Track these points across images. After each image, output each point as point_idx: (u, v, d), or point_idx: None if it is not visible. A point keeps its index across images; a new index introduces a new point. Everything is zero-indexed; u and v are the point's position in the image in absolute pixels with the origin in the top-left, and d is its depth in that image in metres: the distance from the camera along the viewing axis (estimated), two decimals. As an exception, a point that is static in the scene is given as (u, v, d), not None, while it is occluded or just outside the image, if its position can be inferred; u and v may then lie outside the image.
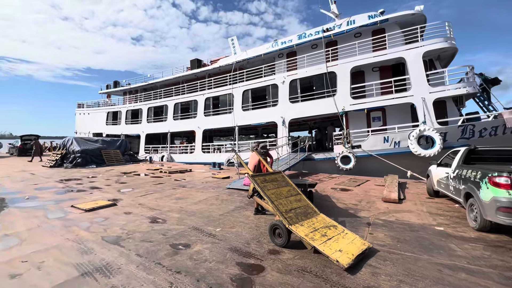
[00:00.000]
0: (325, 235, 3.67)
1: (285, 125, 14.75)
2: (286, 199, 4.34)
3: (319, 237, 3.60)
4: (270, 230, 3.99)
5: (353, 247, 3.45)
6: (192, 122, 19.27)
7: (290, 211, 4.05)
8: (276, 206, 4.02)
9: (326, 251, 3.28)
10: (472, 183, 4.56)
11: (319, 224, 3.97)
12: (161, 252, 3.65)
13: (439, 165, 6.68)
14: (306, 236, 3.54)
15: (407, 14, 12.65)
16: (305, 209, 4.28)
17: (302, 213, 4.14)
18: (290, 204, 4.24)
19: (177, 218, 5.31)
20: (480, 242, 3.96)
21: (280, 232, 3.85)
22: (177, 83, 21.52)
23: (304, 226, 3.82)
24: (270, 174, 4.98)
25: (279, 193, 4.45)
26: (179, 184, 9.44)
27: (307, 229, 3.74)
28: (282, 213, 3.92)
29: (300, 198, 4.55)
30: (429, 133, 10.46)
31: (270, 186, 4.54)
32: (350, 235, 3.80)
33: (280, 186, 4.68)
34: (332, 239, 3.61)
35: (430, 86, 11.37)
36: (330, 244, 3.46)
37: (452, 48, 11.93)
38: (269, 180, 4.69)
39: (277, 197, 4.30)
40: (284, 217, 3.83)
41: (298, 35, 15.89)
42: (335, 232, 3.83)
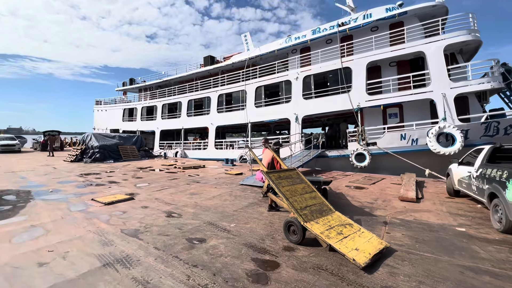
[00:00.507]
0: (341, 233, 3.63)
1: (298, 121, 14.62)
2: (301, 196, 4.31)
3: (334, 235, 3.56)
4: (284, 227, 3.99)
5: (370, 246, 3.39)
6: (205, 118, 19.47)
7: (305, 208, 4.03)
8: (291, 203, 4.01)
9: (342, 249, 3.25)
10: (498, 183, 4.35)
11: (334, 222, 3.93)
12: (178, 246, 3.74)
13: (460, 163, 6.42)
14: (321, 234, 3.52)
15: (427, 6, 12.13)
16: (320, 207, 4.24)
17: (317, 211, 4.10)
18: (305, 202, 4.22)
19: (192, 213, 5.40)
20: (505, 245, 3.79)
21: (295, 229, 3.84)
22: (191, 80, 21.78)
23: (319, 223, 3.79)
24: (284, 171, 4.96)
25: (293, 190, 4.43)
26: (193, 180, 9.59)
27: (322, 227, 3.71)
28: (297, 210, 3.91)
29: (315, 196, 4.51)
30: (449, 130, 10.04)
31: (284, 183, 4.53)
32: (367, 234, 3.74)
33: (294, 183, 4.65)
34: (348, 237, 3.56)
35: (451, 81, 10.89)
36: (346, 243, 3.42)
37: (476, 41, 11.34)
38: (283, 177, 4.68)
39: (292, 194, 4.27)
40: (299, 214, 3.82)
41: (312, 30, 15.63)
42: (351, 230, 3.78)
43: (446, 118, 10.66)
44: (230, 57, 20.30)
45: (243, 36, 19.29)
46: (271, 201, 5.52)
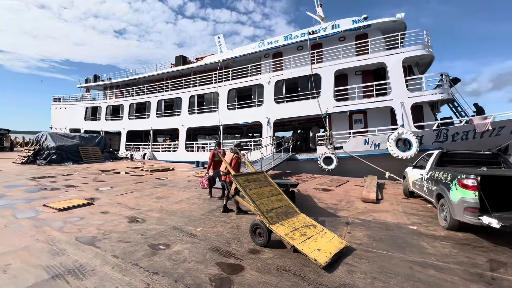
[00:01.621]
0: (305, 234, 3.73)
1: (270, 125, 14.83)
2: (267, 199, 4.35)
3: (298, 236, 3.64)
4: (251, 230, 4.00)
5: (331, 246, 3.53)
6: (176, 119, 18.91)
7: (271, 211, 4.07)
8: (257, 206, 4.03)
9: (305, 250, 3.34)
10: (443, 184, 4.81)
11: (299, 223, 4.02)
12: (139, 252, 3.56)
13: (414, 167, 6.99)
14: (286, 236, 3.58)
15: (389, 21, 13.12)
16: (286, 209, 4.32)
17: (283, 213, 4.17)
18: (271, 204, 4.26)
19: (157, 217, 5.19)
20: (449, 240, 4.19)
21: (261, 232, 3.87)
22: (161, 80, 21.03)
23: (284, 225, 3.85)
24: (252, 174, 4.98)
25: (260, 193, 4.44)
26: (161, 183, 9.24)
27: (287, 229, 3.77)
28: (263, 212, 3.94)
29: (282, 198, 4.59)
30: (407, 136, 10.91)
31: (252, 186, 4.53)
32: (329, 234, 3.89)
33: (262, 186, 4.69)
34: (311, 238, 3.67)
35: (409, 91, 11.87)
36: (309, 243, 3.52)
37: (429, 56, 12.51)
38: (251, 180, 4.69)
39: (259, 197, 4.29)
40: (265, 217, 3.85)
41: (284, 36, 16.03)
42: (315, 231, 3.90)
43: (404, 124, 11.57)
44: (202, 58, 20.01)
45: (216, 37, 19.16)
46: (237, 204, 5.53)
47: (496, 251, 3.82)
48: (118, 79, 24.08)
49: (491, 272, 3.17)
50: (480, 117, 10.77)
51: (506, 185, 4.51)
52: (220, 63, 17.50)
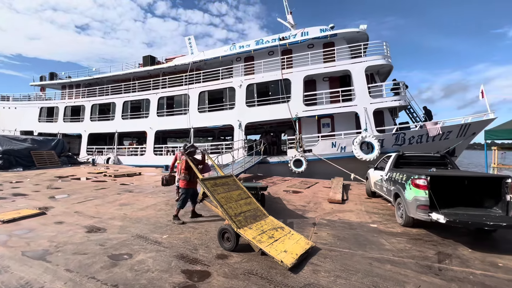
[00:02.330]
0: (272, 237, 3.75)
1: (242, 128, 14.86)
2: (236, 203, 4.31)
3: (266, 239, 3.66)
4: (219, 235, 3.94)
5: (297, 247, 3.61)
6: (144, 122, 18.09)
7: (239, 215, 4.04)
8: (225, 210, 3.99)
9: (272, 252, 3.37)
10: (399, 184, 5.21)
11: (267, 226, 4.04)
12: (97, 264, 3.32)
13: (376, 168, 7.47)
14: (253, 239, 3.57)
15: (353, 31, 13.96)
16: (254, 212, 4.32)
17: (251, 216, 4.16)
18: (239, 208, 4.23)
19: (120, 226, 4.89)
20: (404, 236, 4.54)
21: (229, 236, 3.83)
22: (128, 80, 19.99)
23: (252, 229, 3.84)
24: (221, 177, 4.92)
25: (229, 197, 4.39)
26: (126, 189, 8.74)
27: (255, 232, 3.77)
28: (231, 217, 3.89)
29: (250, 201, 4.58)
30: (370, 139, 11.65)
31: (220, 190, 4.46)
32: (296, 236, 3.97)
33: (230, 190, 4.63)
34: (278, 240, 3.71)
35: (371, 98, 12.71)
36: (276, 246, 3.55)
37: (389, 65, 13.56)
38: (219, 184, 4.62)
39: (227, 201, 4.24)
40: (233, 221, 3.83)
41: (256, 40, 16.24)
42: (282, 233, 3.95)
43: (367, 129, 12.33)
44: (172, 59, 19.45)
45: (187, 39, 18.78)
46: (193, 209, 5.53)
47: (443, 244, 4.21)
48: (79, 78, 22.39)
49: (438, 264, 3.49)
50: (432, 122, 11.89)
51: (451, 184, 5.02)
52: (191, 65, 17.16)
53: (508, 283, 3.04)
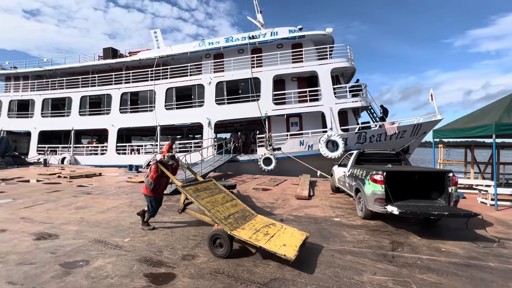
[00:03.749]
0: (268, 234, 3.70)
1: (211, 126, 14.63)
2: (222, 206, 4.20)
3: (262, 236, 3.59)
4: (210, 242, 3.64)
5: (294, 239, 3.59)
6: (105, 119, 16.87)
7: (228, 217, 3.91)
8: (214, 214, 3.83)
9: (272, 248, 3.29)
10: (360, 180, 5.56)
11: (259, 224, 3.99)
12: (47, 274, 3.03)
13: (339, 165, 7.88)
14: (250, 239, 3.45)
15: (319, 34, 14.51)
16: (243, 213, 4.25)
17: (241, 217, 4.07)
18: (227, 210, 4.12)
19: (75, 231, 4.51)
20: (363, 228, 4.86)
21: (222, 242, 3.56)
22: (86, 73, 18.43)
23: (245, 229, 3.73)
24: (201, 182, 4.74)
25: (214, 201, 4.26)
26: (83, 191, 8.09)
27: (249, 232, 3.66)
28: (222, 220, 3.75)
29: (236, 203, 4.50)
30: (335, 138, 12.25)
31: (203, 195, 4.30)
32: (289, 229, 3.98)
33: (214, 193, 4.50)
34: (274, 236, 3.67)
35: (336, 98, 13.35)
36: (274, 241, 3.50)
37: (352, 68, 14.34)
38: (201, 189, 4.45)
39: (213, 205, 4.10)
40: (224, 224, 3.66)
41: (225, 38, 16.04)
42: (275, 229, 3.92)
43: (332, 128, 12.94)
44: (137, 53, 18.38)
45: (152, 32, 17.86)
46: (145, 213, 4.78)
47: (397, 233, 4.60)
48: (28, 69, 20.09)
49: (392, 252, 3.81)
50: (389, 123, 12.88)
51: (404, 179, 5.49)
52: (157, 59, 16.39)
53: (448, 265, 3.43)
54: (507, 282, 3.05)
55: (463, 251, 3.91)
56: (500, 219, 5.62)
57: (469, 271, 3.28)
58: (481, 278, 3.11)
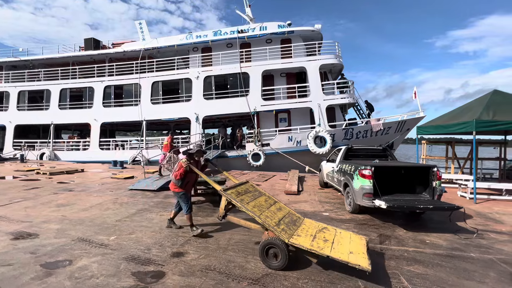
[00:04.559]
0: (327, 240, 3.29)
1: (199, 121, 14.39)
2: (268, 211, 3.69)
3: (322, 244, 3.17)
4: (262, 252, 3.17)
5: (357, 245, 3.24)
6: (87, 113, 16.20)
7: (280, 223, 3.44)
8: (265, 221, 3.33)
9: (342, 257, 2.90)
10: (348, 175, 5.64)
11: (312, 229, 3.58)
12: (26, 276, 2.86)
13: (328, 161, 7.97)
14: (312, 247, 3.02)
15: (308, 30, 14.52)
16: (290, 217, 3.78)
17: (290, 222, 3.61)
18: (275, 215, 3.63)
19: (57, 229, 4.30)
20: (352, 222, 4.95)
21: (277, 252, 3.11)
22: (66, 65, 17.55)
23: (301, 236, 3.30)
24: (239, 185, 4.15)
25: (259, 205, 3.73)
26: (64, 188, 7.75)
27: (307, 239, 3.23)
28: (274, 227, 3.27)
29: (280, 206, 4.03)
30: (322, 134, 12.39)
31: (247, 199, 3.75)
32: (345, 233, 3.64)
33: (255, 197, 3.97)
34: (334, 242, 3.26)
35: (324, 95, 13.47)
36: (338, 248, 3.10)
37: (340, 65, 14.49)
38: (242, 192, 3.93)
39: (260, 210, 3.58)
40: (279, 232, 3.18)
41: (213, 31, 15.73)
42: (331, 234, 3.53)
43: (320, 124, 13.07)
44: (121, 44, 17.68)
45: (137, 23, 17.21)
46: (174, 215, 4.47)
47: (384, 227, 4.72)
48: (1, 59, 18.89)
49: (380, 245, 3.90)
50: (375, 119, 13.17)
51: (390, 173, 5.62)
52: (143, 52, 15.85)
53: (433, 257, 3.54)
54: (487, 271, 3.19)
55: (446, 242, 4.06)
56: (479, 211, 5.90)
57: (453, 261, 3.41)
58: (464, 268, 3.24)
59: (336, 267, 3.12)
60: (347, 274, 3.00)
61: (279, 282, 2.84)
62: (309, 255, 3.06)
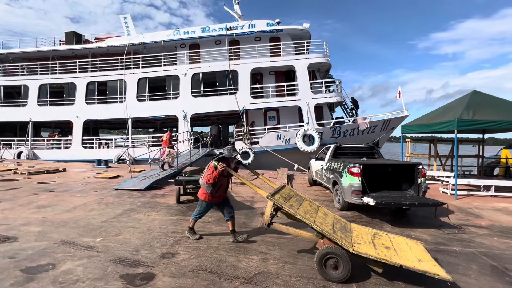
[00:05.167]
0: (388, 247, 3.04)
1: (187, 119, 14.17)
2: (317, 216, 3.39)
3: (386, 251, 2.93)
4: (320, 263, 2.89)
5: (420, 252, 3.04)
6: (68, 110, 15.55)
7: (335, 230, 3.12)
8: (323, 229, 2.98)
9: (418, 266, 2.66)
10: (337, 173, 5.72)
11: (365, 235, 3.31)
12: (5, 282, 2.70)
13: (316, 159, 8.05)
14: (379, 255, 2.76)
15: (297, 29, 14.59)
16: (339, 223, 3.50)
17: (342, 228, 3.33)
18: (325, 221, 3.31)
19: (37, 232, 4.10)
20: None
21: (337, 262, 2.84)
22: (45, 59, 16.74)
23: (361, 243, 3.03)
24: (281, 189, 3.73)
25: (306, 210, 3.40)
26: (45, 188, 7.41)
27: (368, 246, 2.97)
28: (334, 235, 2.98)
29: (325, 211, 3.72)
30: (311, 132, 12.52)
31: (294, 204, 3.40)
32: (398, 238, 3.41)
33: (300, 201, 3.65)
34: (396, 249, 3.01)
35: (313, 93, 13.60)
36: (405, 256, 2.87)
37: (328, 64, 14.67)
38: (286, 197, 3.56)
39: (312, 217, 3.26)
40: (340, 240, 2.89)
41: (202, 28, 15.50)
42: (386, 239, 3.29)
43: (309, 122, 13.20)
44: (104, 39, 17.06)
45: (122, 17, 16.65)
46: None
47: (372, 223, 4.83)
48: (-27, 52, 17.75)
49: (369, 241, 3.97)
50: (362, 118, 13.45)
51: (378, 171, 5.75)
52: (128, 47, 15.38)
53: (419, 252, 3.65)
54: (470, 264, 3.33)
55: (430, 237, 4.21)
56: (460, 207, 6.16)
57: (437, 255, 3.53)
58: (448, 262, 3.37)
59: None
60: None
61: (271, 280, 2.83)
62: (374, 265, 2.80)
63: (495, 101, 7.33)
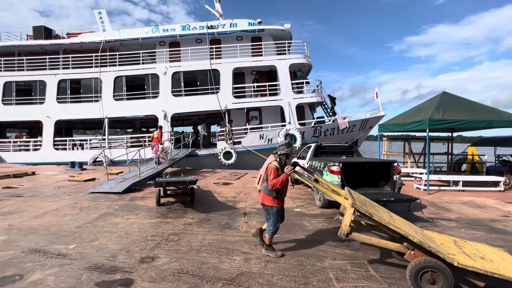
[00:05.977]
0: (482, 257, 2.74)
1: (167, 119, 13.82)
2: (393, 221, 3.02)
3: (482, 261, 2.64)
4: (414, 277, 2.55)
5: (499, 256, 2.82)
6: (38, 109, 14.57)
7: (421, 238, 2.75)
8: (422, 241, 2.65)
9: None
10: (318, 171, 5.85)
11: (447, 244, 2.97)
12: (-36, 297, 2.48)
13: (298, 158, 8.17)
14: (483, 267, 2.46)
15: (278, 29, 14.71)
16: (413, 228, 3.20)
17: (428, 238, 3.00)
18: (404, 226, 2.93)
19: (2, 241, 3.81)
20: (322, 217, 5.14)
21: (435, 276, 2.51)
22: (10, 55, 15.56)
23: (456, 254, 2.69)
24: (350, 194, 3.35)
25: (380, 215, 2.99)
26: (11, 193, 6.91)
27: (466, 257, 2.64)
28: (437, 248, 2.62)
29: (392, 215, 3.36)
30: (293, 132, 12.68)
31: (371, 210, 3.02)
32: (480, 245, 3.13)
33: (376, 208, 3.32)
34: (485, 258, 2.72)
35: (294, 93, 13.78)
36: (502, 264, 2.59)
37: (309, 64, 14.94)
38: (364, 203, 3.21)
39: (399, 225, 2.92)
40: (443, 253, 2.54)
41: (182, 26, 15.16)
42: (469, 247, 2.99)
43: (290, 122, 13.37)
44: (77, 35, 16.15)
45: (96, 12, 15.87)
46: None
47: (351, 219, 4.97)
48: None
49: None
50: (341, 117, 13.84)
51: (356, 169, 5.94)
52: (103, 44, 14.69)
53: (395, 245, 3.82)
54: (441, 255, 3.53)
55: (405, 231, 4.41)
56: (432, 201, 6.52)
57: (412, 248, 3.71)
58: (421, 254, 3.55)
59: (308, 261, 3.21)
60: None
61: (254, 280, 2.83)
62: (475, 278, 2.47)
63: (462, 102, 7.84)
